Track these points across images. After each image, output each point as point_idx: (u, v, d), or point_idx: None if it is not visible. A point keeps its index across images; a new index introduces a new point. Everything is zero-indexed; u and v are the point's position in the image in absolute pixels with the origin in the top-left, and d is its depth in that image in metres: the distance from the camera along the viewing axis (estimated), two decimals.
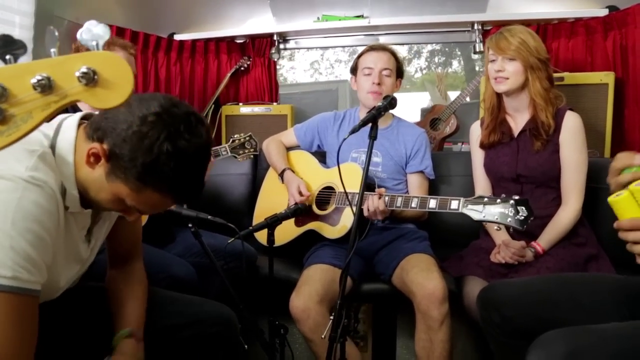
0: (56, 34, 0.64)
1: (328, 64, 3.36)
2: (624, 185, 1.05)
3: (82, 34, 0.63)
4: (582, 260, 1.83)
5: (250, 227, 1.68)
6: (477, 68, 3.17)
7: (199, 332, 1.29)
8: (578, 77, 2.40)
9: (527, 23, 2.39)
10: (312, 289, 1.73)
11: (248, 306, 1.53)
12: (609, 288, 1.33)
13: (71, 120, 1.05)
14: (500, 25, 2.70)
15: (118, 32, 2.66)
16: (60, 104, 0.61)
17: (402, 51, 3.27)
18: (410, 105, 3.18)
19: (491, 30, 2.79)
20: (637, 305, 1.26)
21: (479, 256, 1.92)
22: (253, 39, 3.06)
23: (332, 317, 1.42)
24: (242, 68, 3.06)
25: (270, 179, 2.37)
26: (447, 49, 3.24)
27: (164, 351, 1.29)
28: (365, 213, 1.83)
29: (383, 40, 3.01)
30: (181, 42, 3.03)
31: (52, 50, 0.65)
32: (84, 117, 1.06)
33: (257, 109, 2.90)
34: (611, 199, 1.01)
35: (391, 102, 1.69)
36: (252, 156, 2.26)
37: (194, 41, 3.06)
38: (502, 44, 1.87)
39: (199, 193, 1.07)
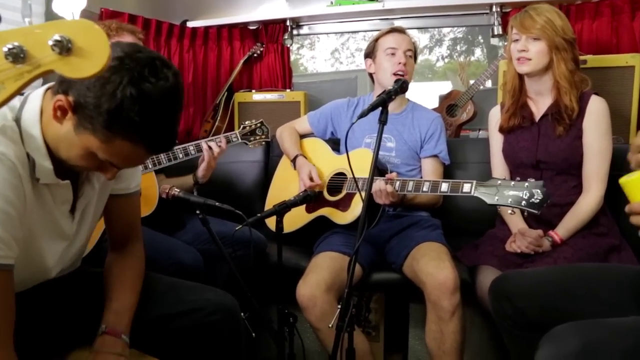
0: (28, 2, 0.61)
1: (349, 53, 3.30)
2: None
3: (54, 4, 0.60)
4: (602, 251, 1.75)
5: (259, 215, 1.65)
6: (499, 55, 3.08)
7: (196, 321, 1.27)
8: (602, 59, 2.29)
9: (550, 3, 2.29)
10: (320, 277, 1.70)
11: (257, 294, 1.51)
12: (629, 280, 1.25)
13: (38, 91, 1.03)
14: (520, 7, 2.60)
15: (130, 19, 2.65)
16: (34, 73, 0.58)
17: (423, 39, 3.20)
18: (433, 94, 3.10)
19: (510, 12, 2.68)
20: None
21: (494, 245, 1.86)
22: (266, 25, 3.02)
23: (339, 307, 1.39)
24: (255, 55, 3.03)
25: (283, 166, 2.33)
26: (469, 37, 3.16)
27: (160, 340, 1.27)
28: (375, 198, 1.79)
29: (398, 24, 2.93)
30: (194, 29, 3.01)
31: (27, 19, 0.62)
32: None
33: (270, 96, 2.86)
34: (623, 179, 0.96)
35: (402, 86, 1.65)
36: (263, 143, 2.23)
37: (207, 28, 3.03)
38: (527, 23, 1.79)
39: (172, 141, 1.04)
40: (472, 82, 2.79)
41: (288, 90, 2.97)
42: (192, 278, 1.49)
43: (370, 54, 2.16)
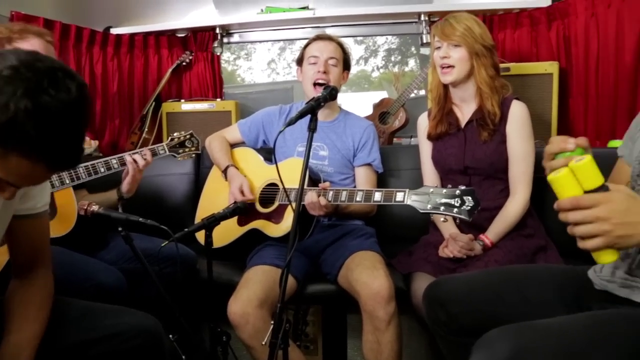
0: None
1: (285, 64, 3.26)
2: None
3: None
4: (530, 252, 1.80)
5: (186, 229, 1.56)
6: (429, 63, 3.15)
7: (115, 347, 1.17)
8: (524, 67, 2.40)
9: (473, 14, 2.37)
10: (251, 292, 1.63)
11: (187, 313, 1.43)
12: (554, 279, 1.28)
13: None
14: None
15: (46, 24, 2.48)
16: None
17: (359, 50, 3.22)
18: (369, 104, 3.12)
19: (437, 21, 2.75)
20: (582, 295, 1.23)
21: (427, 251, 1.86)
22: (195, 32, 2.93)
23: (272, 322, 1.32)
24: (184, 63, 2.93)
25: (214, 178, 2.25)
26: (403, 48, 3.21)
27: None
28: (308, 210, 1.75)
29: (329, 32, 2.93)
30: (118, 36, 2.87)
31: None
32: None
33: (199, 106, 2.77)
34: (550, 176, 0.96)
35: (331, 93, 1.63)
36: (193, 156, 2.14)
37: (132, 35, 2.90)
38: (447, 30, 1.83)
39: (75, 158, 0.95)
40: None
41: (219, 99, 2.88)
42: (114, 300, 1.39)
43: (300, 61, 2.13)
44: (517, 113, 1.85)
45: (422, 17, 2.75)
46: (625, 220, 0.89)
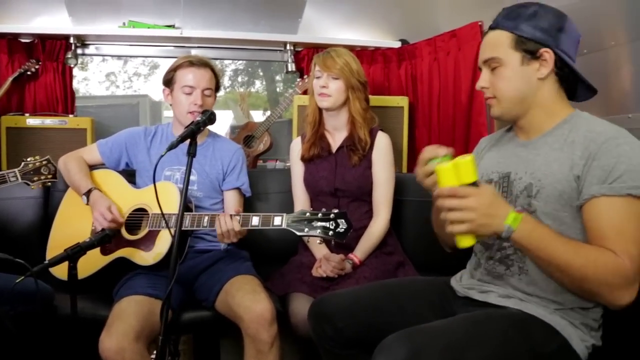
0: None
1: (126, 77, 3.09)
2: (428, 175, 1.21)
3: None
4: (392, 268, 1.99)
5: (47, 261, 1.40)
6: (278, 89, 3.28)
7: None
8: (379, 99, 2.65)
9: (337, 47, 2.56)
10: (127, 325, 1.51)
11: (48, 355, 1.27)
12: (425, 290, 1.46)
13: None
14: (311, 47, 2.85)
15: None
16: None
17: None
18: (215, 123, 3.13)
19: (302, 51, 2.91)
20: (448, 301, 1.42)
21: (301, 272, 1.94)
22: (43, 39, 2.63)
23: (153, 356, 1.26)
24: (29, 72, 2.61)
25: (69, 202, 2.04)
26: (250, 69, 3.28)
27: None
28: (219, 239, 1.74)
29: (194, 53, 2.89)
30: None
31: None
32: None
33: (49, 122, 2.49)
34: (437, 166, 1.15)
35: (210, 117, 1.65)
36: (49, 184, 1.92)
37: None
38: (328, 62, 1.97)
39: None
40: (253, 113, 2.91)
41: (71, 115, 2.63)
42: None
43: (168, 82, 2.04)
44: (382, 143, 2.06)
45: (288, 47, 2.86)
46: (488, 212, 1.10)
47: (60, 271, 1.68)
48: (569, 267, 1.11)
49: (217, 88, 2.09)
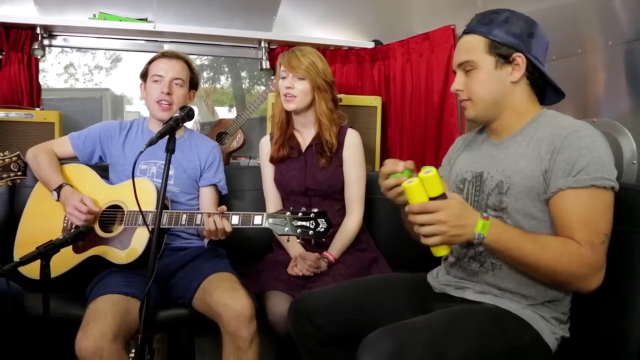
0: None
1: (87, 69, 3.00)
2: (390, 188, 1.25)
3: None
4: (366, 264, 2.02)
5: (18, 259, 1.37)
6: (244, 86, 3.27)
7: None
8: (352, 99, 2.68)
9: (307, 46, 2.56)
10: (103, 325, 1.49)
11: (20, 357, 1.24)
12: (402, 287, 1.50)
13: None
14: (285, 45, 2.85)
15: None
16: None
17: None
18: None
19: (277, 49, 2.90)
20: (426, 298, 1.46)
21: (277, 270, 1.95)
22: (7, 28, 2.52)
23: (132, 355, 1.25)
24: None
25: (38, 198, 1.98)
26: (215, 65, 3.25)
27: None
28: (208, 236, 1.73)
29: (167, 48, 2.84)
30: None
31: None
32: None
33: (15, 114, 2.40)
34: (404, 184, 1.18)
35: (189, 113, 1.63)
36: (18, 181, 1.85)
37: None
38: (293, 62, 1.95)
39: None
40: (218, 109, 2.88)
41: (37, 109, 2.54)
42: None
43: (144, 76, 2.04)
44: (352, 141, 2.07)
45: (262, 44, 2.85)
46: (458, 223, 1.15)
47: (31, 270, 1.63)
48: (539, 263, 1.18)
49: (193, 84, 2.08)
